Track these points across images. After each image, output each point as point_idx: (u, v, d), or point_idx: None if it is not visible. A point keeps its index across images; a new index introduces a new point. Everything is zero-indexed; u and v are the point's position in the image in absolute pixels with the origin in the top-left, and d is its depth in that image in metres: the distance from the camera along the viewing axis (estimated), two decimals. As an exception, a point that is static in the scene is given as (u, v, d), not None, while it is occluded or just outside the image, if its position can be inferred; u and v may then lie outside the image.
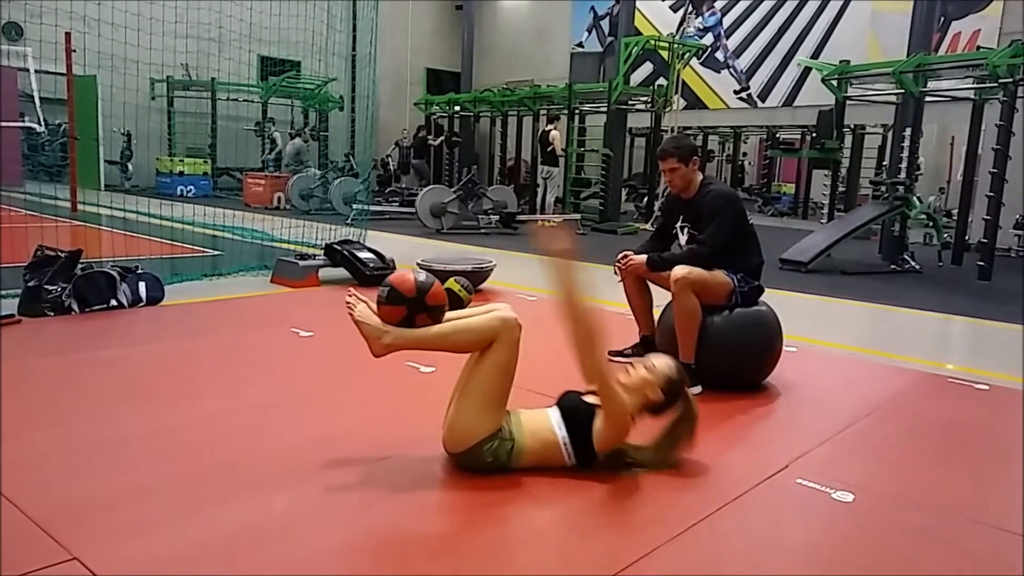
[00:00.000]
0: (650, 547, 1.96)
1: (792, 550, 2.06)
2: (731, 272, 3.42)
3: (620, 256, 3.70)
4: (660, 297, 3.61)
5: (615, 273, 3.73)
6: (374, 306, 2.36)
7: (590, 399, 2.42)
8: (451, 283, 5.16)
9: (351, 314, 2.33)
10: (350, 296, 2.38)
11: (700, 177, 3.56)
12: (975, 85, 9.05)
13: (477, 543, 2.05)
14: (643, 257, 3.60)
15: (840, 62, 10.21)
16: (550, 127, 12.52)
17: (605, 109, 12.29)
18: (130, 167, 14.56)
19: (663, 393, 2.44)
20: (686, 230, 3.61)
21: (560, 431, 2.37)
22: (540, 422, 2.41)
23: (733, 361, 3.37)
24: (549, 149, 12.42)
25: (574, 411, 2.41)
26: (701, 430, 2.50)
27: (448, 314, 2.41)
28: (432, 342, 2.33)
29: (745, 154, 19.81)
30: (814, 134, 11.70)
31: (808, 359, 4.08)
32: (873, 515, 2.24)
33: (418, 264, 5.57)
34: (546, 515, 2.20)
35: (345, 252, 5.77)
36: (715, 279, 3.38)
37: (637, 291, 3.78)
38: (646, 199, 12.83)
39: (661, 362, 2.51)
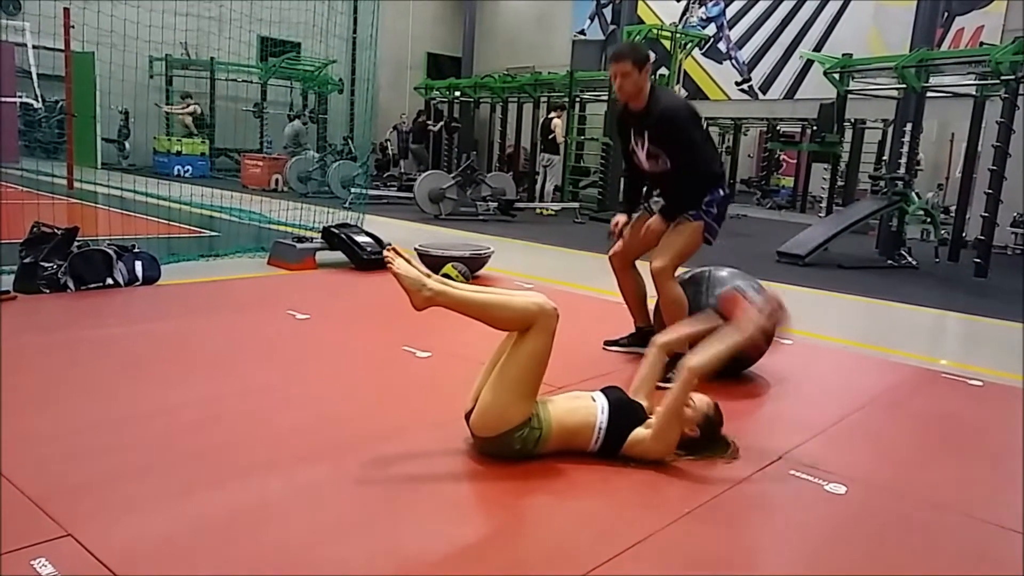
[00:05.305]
0: (643, 535, 1.97)
1: (784, 541, 2.07)
2: (696, 210, 3.46)
3: (614, 224, 3.75)
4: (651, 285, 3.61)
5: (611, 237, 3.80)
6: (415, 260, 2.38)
7: (640, 401, 2.52)
8: (448, 268, 5.17)
9: (390, 267, 2.31)
10: (388, 250, 2.37)
11: (649, 86, 3.49)
12: (977, 82, 9.04)
13: (472, 525, 2.06)
14: (658, 219, 3.57)
15: (842, 56, 10.18)
16: (553, 115, 12.47)
17: (606, 98, 12.24)
18: (127, 145, 14.49)
19: (699, 429, 2.44)
20: (641, 143, 3.54)
21: (602, 416, 2.40)
22: (581, 404, 2.44)
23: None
24: (551, 137, 12.39)
25: (624, 406, 2.45)
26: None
27: (487, 288, 2.43)
28: (470, 307, 2.32)
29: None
30: (814, 127, 11.69)
31: (803, 352, 4.09)
32: (865, 507, 2.25)
33: (416, 249, 5.53)
34: (541, 500, 2.20)
35: (342, 236, 5.76)
36: (688, 238, 3.46)
37: (628, 282, 3.80)
38: (645, 189, 12.78)
39: (701, 400, 2.50)
